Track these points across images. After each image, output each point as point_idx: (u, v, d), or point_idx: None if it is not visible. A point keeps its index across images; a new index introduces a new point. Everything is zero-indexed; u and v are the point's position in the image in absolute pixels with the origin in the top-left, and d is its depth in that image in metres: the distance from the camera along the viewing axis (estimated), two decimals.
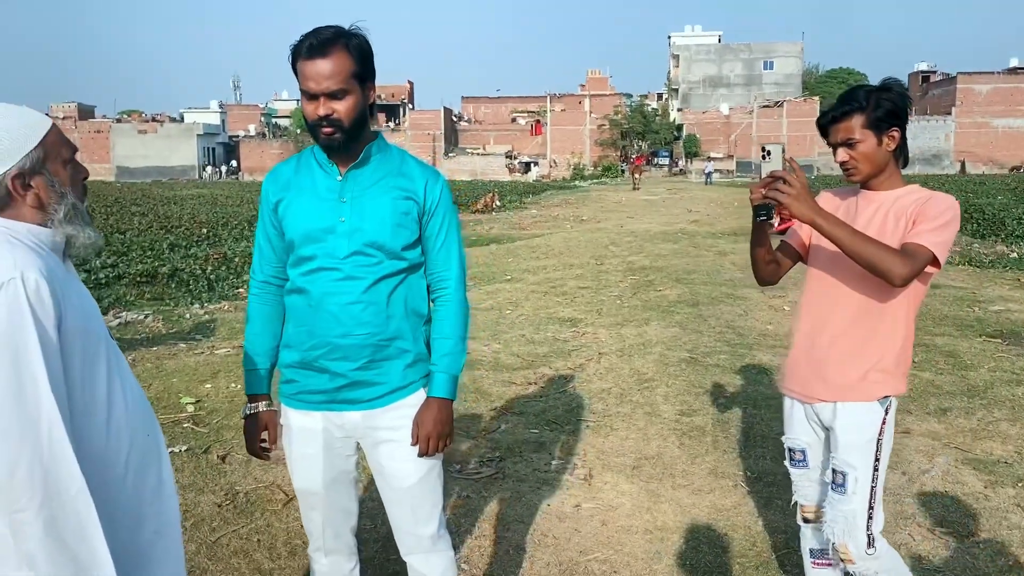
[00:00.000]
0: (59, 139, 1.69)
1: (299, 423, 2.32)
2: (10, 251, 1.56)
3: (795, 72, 75.04)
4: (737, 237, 16.77)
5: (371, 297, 2.18)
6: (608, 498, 4.06)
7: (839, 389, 2.46)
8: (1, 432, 1.48)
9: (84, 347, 1.65)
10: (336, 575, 2.48)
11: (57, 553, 1.53)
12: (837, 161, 2.45)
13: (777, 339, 7.37)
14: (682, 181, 52.55)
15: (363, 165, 2.21)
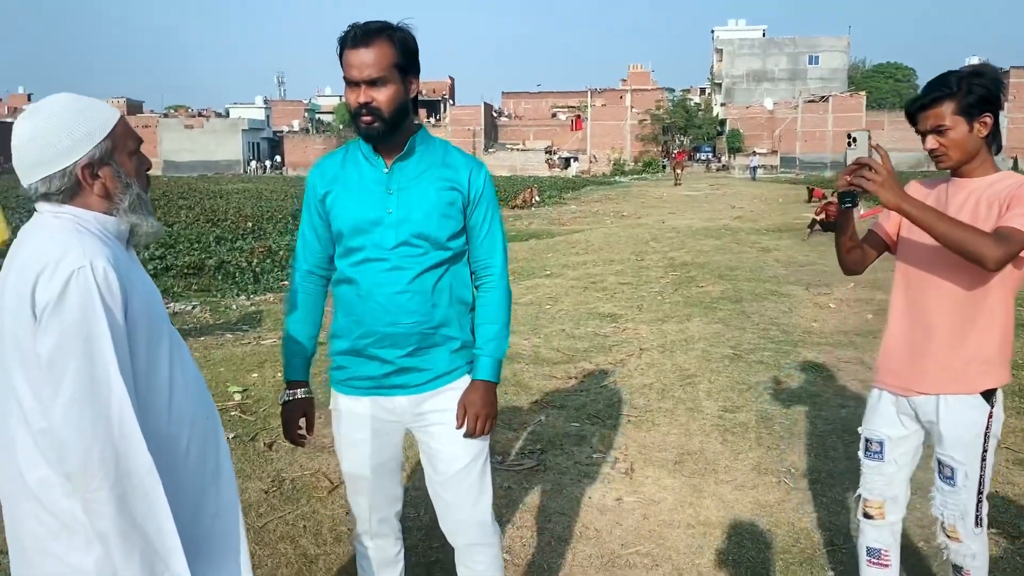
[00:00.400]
0: (126, 130, 1.75)
1: (349, 408, 2.38)
2: (79, 240, 1.62)
3: (841, 66, 73.82)
4: (781, 234, 16.58)
5: (417, 287, 2.23)
6: (650, 492, 4.06)
7: (941, 382, 2.41)
8: (76, 416, 1.54)
9: (148, 332, 1.70)
10: (381, 559, 2.53)
11: (128, 530, 1.58)
12: (926, 149, 2.40)
13: (823, 336, 7.29)
14: (724, 177, 51.94)
15: (408, 157, 2.25)
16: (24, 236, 1.70)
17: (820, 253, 13.04)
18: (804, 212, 21.70)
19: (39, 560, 1.67)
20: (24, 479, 1.65)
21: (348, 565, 3.39)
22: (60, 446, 1.56)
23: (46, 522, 1.65)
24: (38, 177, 1.65)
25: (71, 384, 1.54)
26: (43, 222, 1.69)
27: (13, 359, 1.61)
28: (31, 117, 1.65)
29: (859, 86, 73.17)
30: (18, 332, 1.59)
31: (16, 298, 1.59)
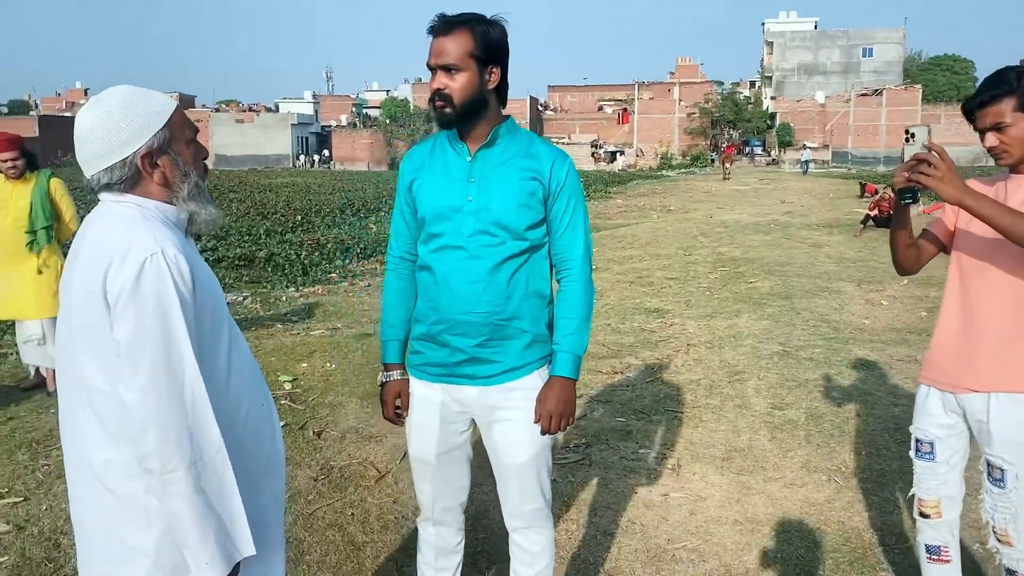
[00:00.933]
0: (183, 120, 1.79)
1: (420, 393, 2.42)
2: (148, 227, 1.66)
3: (896, 59, 72.07)
4: (832, 229, 16.28)
5: (493, 277, 2.24)
6: (697, 488, 4.03)
7: (993, 380, 2.37)
8: (153, 398, 1.58)
9: (211, 318, 1.74)
10: (442, 547, 2.57)
11: (203, 510, 1.63)
12: (986, 147, 2.36)
13: (875, 334, 7.15)
14: (774, 171, 51.13)
15: (491, 146, 2.27)
16: (89, 226, 1.75)
17: (872, 249, 12.78)
18: (856, 208, 21.28)
19: (101, 541, 1.72)
20: (89, 462, 1.70)
21: (395, 553, 3.43)
22: (137, 428, 1.60)
23: (108, 504, 1.70)
24: (101, 167, 1.70)
25: (148, 367, 1.58)
26: (107, 211, 1.73)
27: (83, 346, 1.66)
28: (92, 109, 1.70)
29: (915, 79, 71.35)
30: (89, 320, 1.63)
31: (86, 287, 1.63)
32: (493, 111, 2.27)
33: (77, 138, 1.71)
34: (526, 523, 2.46)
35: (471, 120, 2.23)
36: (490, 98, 2.24)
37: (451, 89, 2.18)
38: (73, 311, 1.67)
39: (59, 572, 3.26)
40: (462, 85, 2.17)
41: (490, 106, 2.25)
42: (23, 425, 4.93)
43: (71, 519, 1.87)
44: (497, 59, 2.22)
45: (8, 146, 5.29)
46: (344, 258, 13.08)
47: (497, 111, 2.28)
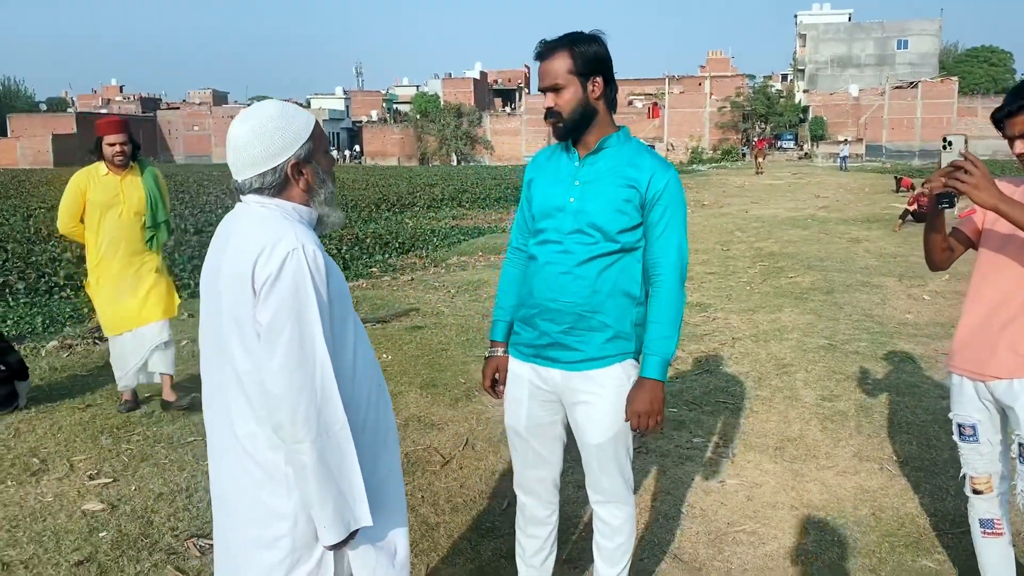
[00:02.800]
0: (321, 132, 1.98)
1: (514, 369, 2.65)
2: (291, 226, 1.85)
3: (932, 51, 71.10)
4: (870, 224, 16.25)
5: (582, 271, 2.43)
6: (752, 476, 4.18)
7: (1014, 367, 2.53)
8: (287, 376, 1.77)
9: (340, 308, 1.93)
10: (531, 515, 2.76)
11: (325, 480, 1.82)
12: (1015, 153, 2.51)
13: (918, 328, 7.22)
14: (807, 165, 50.71)
15: (597, 153, 2.46)
16: (234, 222, 1.94)
17: (912, 245, 12.77)
18: (893, 203, 21.17)
19: (246, 506, 1.92)
20: (235, 433, 1.90)
21: (467, 532, 3.61)
22: (272, 401, 1.79)
23: (252, 472, 1.90)
24: (254, 173, 1.89)
25: (284, 348, 1.77)
26: (251, 212, 1.93)
27: (232, 330, 1.85)
28: (247, 121, 1.89)
29: (951, 71, 70.34)
30: (237, 305, 1.83)
31: (236, 275, 1.83)
32: (603, 119, 2.45)
33: (233, 147, 1.90)
34: (606, 498, 2.64)
35: (583, 130, 2.43)
36: (598, 106, 2.43)
37: (559, 105, 2.39)
38: (223, 297, 1.86)
39: (155, 547, 3.48)
40: (567, 100, 2.38)
41: (599, 114, 2.44)
42: (101, 412, 5.18)
43: (211, 489, 2.07)
44: (597, 70, 2.40)
45: (118, 128, 4.89)
46: (384, 253, 13.31)
47: (608, 120, 2.46)
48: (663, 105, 70.13)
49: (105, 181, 4.91)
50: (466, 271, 11.10)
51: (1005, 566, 2.80)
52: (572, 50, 2.36)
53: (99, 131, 4.89)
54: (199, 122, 79.02)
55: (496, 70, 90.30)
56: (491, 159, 71.53)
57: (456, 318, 7.95)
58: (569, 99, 2.38)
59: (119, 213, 4.92)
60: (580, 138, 2.46)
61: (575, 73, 2.37)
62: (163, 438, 4.73)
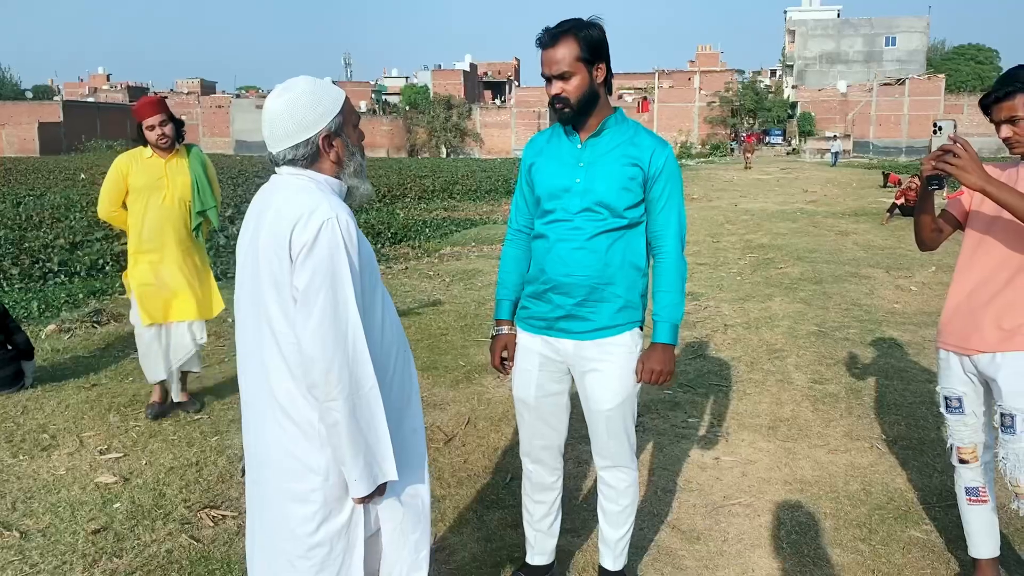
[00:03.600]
0: (351, 107, 2.08)
1: (524, 342, 2.76)
2: (325, 197, 1.96)
3: (919, 48, 71.55)
4: (858, 217, 16.45)
5: (593, 246, 2.56)
6: (746, 453, 4.31)
7: (997, 341, 2.67)
8: (321, 337, 1.88)
9: (370, 277, 2.04)
10: (538, 482, 2.88)
11: (355, 435, 1.93)
12: (1001, 137, 2.65)
13: (906, 317, 7.39)
14: (795, 161, 51.01)
15: (599, 135, 2.58)
16: (271, 193, 2.04)
17: (899, 238, 12.96)
18: (880, 197, 21.40)
19: (281, 459, 2.03)
20: (273, 392, 2.00)
21: (472, 504, 3.72)
22: (307, 361, 1.90)
23: (288, 429, 2.01)
24: (288, 145, 1.99)
25: (319, 311, 1.88)
26: (286, 183, 2.03)
27: (270, 294, 1.96)
28: (282, 96, 1.99)
29: (938, 69, 70.81)
30: (276, 270, 1.93)
31: (274, 243, 1.93)
32: (603, 103, 2.57)
33: (268, 120, 2.00)
34: (612, 462, 2.77)
35: (586, 115, 2.54)
36: (600, 91, 2.54)
37: (567, 92, 2.48)
38: (262, 264, 1.97)
39: (168, 517, 3.57)
40: (576, 86, 2.48)
41: (601, 98, 2.55)
42: (108, 391, 5.27)
43: (245, 447, 2.18)
44: (601, 56, 2.50)
45: (154, 108, 4.53)
46: (376, 242, 13.38)
47: (606, 102, 2.58)
48: (653, 99, 70.29)
49: (148, 164, 4.60)
50: (460, 261, 11.20)
51: (989, 531, 2.95)
52: (578, 37, 2.44)
53: (137, 116, 4.55)
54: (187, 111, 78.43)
55: (486, 62, 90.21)
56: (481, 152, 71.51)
57: (453, 305, 8.06)
58: (578, 85, 2.47)
59: (163, 198, 4.59)
60: (581, 121, 2.56)
61: (582, 60, 2.45)
62: (170, 416, 4.81)
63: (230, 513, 3.60)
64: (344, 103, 2.05)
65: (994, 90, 2.64)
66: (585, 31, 2.46)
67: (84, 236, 12.97)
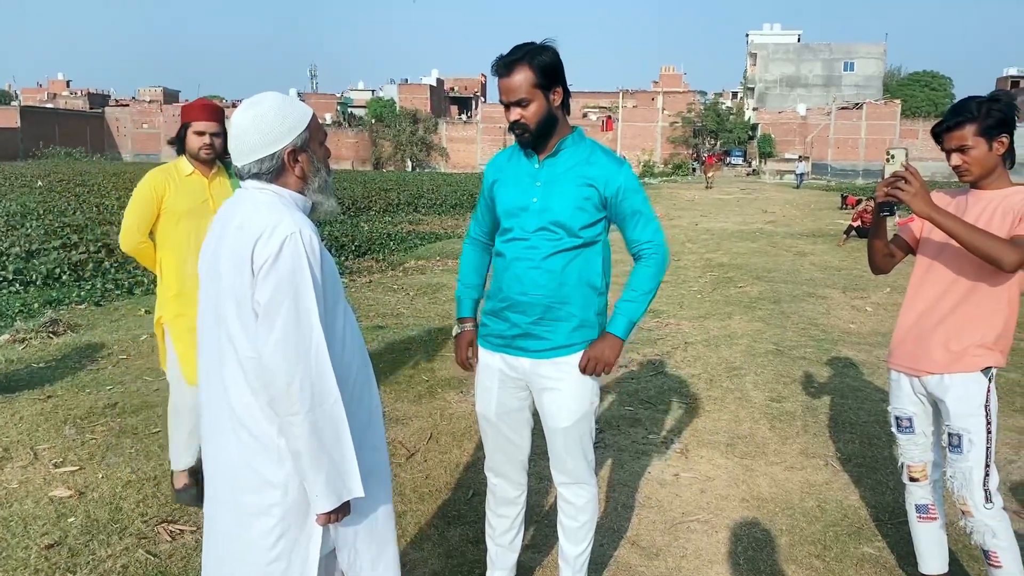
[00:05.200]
0: (317, 124, 2.10)
1: (484, 359, 2.80)
2: (288, 211, 1.98)
3: (876, 74, 73.24)
4: (816, 238, 16.76)
5: (549, 265, 2.59)
6: (704, 470, 4.37)
7: (945, 363, 2.76)
8: (283, 351, 1.89)
9: (332, 290, 2.05)
10: (502, 496, 2.91)
11: (318, 450, 1.93)
12: (951, 165, 2.75)
13: (861, 336, 7.55)
14: (755, 181, 51.82)
15: (555, 155, 2.62)
16: (235, 207, 2.05)
17: (855, 259, 13.23)
18: (837, 219, 21.83)
19: (240, 473, 2.03)
20: (232, 406, 2.00)
21: (434, 519, 3.73)
22: (268, 376, 1.91)
23: (247, 442, 2.01)
24: (253, 159, 2.01)
25: (281, 326, 1.89)
26: (250, 196, 2.04)
27: (230, 307, 1.96)
28: (249, 110, 2.01)
29: (894, 94, 72.53)
30: (237, 284, 1.94)
31: (236, 257, 1.94)
32: (562, 124, 2.62)
33: (234, 134, 2.01)
34: (571, 479, 2.80)
35: (546, 137, 2.59)
36: (558, 114, 2.59)
37: (526, 118, 2.53)
38: (223, 277, 1.97)
39: (124, 532, 3.52)
40: (534, 112, 2.53)
41: (559, 121, 2.60)
42: (64, 403, 5.18)
43: (204, 464, 2.17)
44: (556, 80, 2.55)
45: (211, 114, 3.74)
46: (340, 255, 13.32)
47: (565, 123, 2.63)
48: (617, 118, 70.96)
49: (190, 183, 3.75)
50: (424, 274, 11.19)
51: (938, 548, 3.04)
52: (533, 64, 2.49)
53: (186, 116, 3.73)
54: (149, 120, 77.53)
55: (453, 77, 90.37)
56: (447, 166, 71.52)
57: (417, 319, 8.05)
58: (536, 111, 2.52)
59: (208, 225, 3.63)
60: (542, 143, 2.61)
61: (538, 86, 2.50)
62: (128, 429, 4.75)
63: (188, 528, 3.57)
64: (311, 119, 2.08)
65: (945, 119, 2.75)
66: (539, 57, 2.50)
67: (40, 244, 12.71)
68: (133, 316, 7.89)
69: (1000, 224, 2.66)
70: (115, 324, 7.52)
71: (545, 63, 2.51)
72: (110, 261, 11.23)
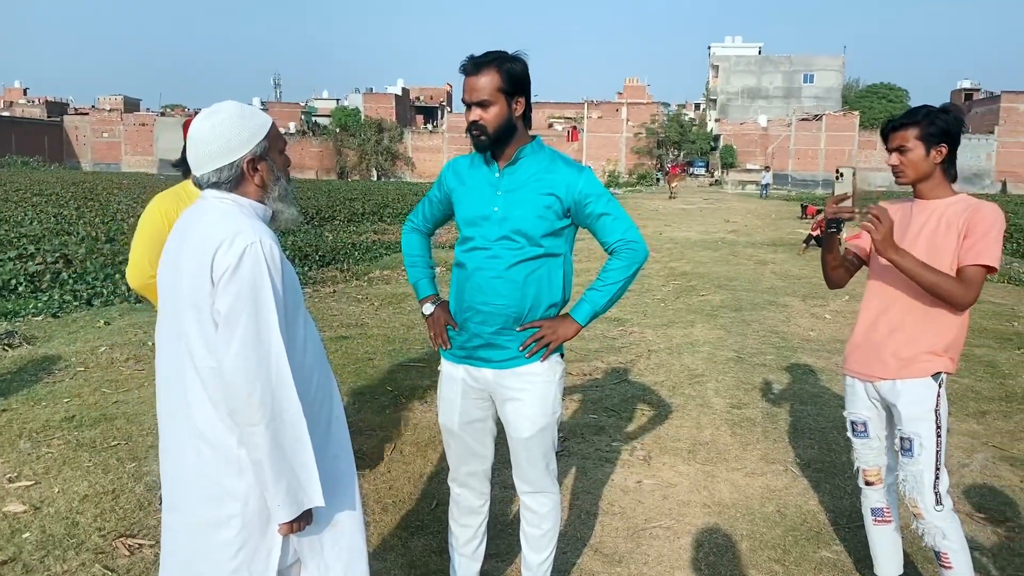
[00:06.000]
0: (277, 133, 2.10)
1: (447, 370, 2.80)
2: (249, 221, 1.97)
3: (835, 86, 74.65)
4: (776, 248, 17.00)
5: (511, 275, 2.60)
6: (667, 476, 4.41)
7: (897, 368, 2.83)
8: (243, 362, 1.88)
9: (292, 300, 2.05)
10: (465, 506, 2.91)
11: (279, 460, 1.93)
12: (889, 164, 2.84)
13: (820, 344, 7.67)
14: (717, 191, 52.44)
15: (515, 164, 2.63)
16: (194, 217, 2.04)
17: (815, 268, 13.42)
18: (797, 228, 22.18)
19: (199, 483, 2.01)
20: (191, 417, 1.99)
21: (396, 531, 3.72)
22: (228, 386, 1.90)
23: (205, 453, 1.99)
24: (212, 168, 2.00)
25: (241, 336, 1.88)
26: (209, 206, 2.03)
27: (190, 317, 1.95)
28: (208, 119, 2.00)
29: (852, 106, 74.02)
30: (197, 294, 1.93)
31: (196, 266, 1.93)
32: (520, 134, 2.63)
33: (194, 142, 2.01)
34: (533, 488, 2.81)
35: (503, 144, 2.60)
36: (518, 123, 2.60)
37: (485, 120, 2.54)
38: (183, 287, 1.96)
39: (81, 547, 3.46)
40: (494, 116, 2.54)
41: (518, 130, 2.61)
42: (18, 417, 5.08)
43: (162, 476, 2.15)
44: (521, 90, 2.57)
45: None
46: (303, 265, 13.22)
47: (524, 133, 2.65)
48: (582, 129, 71.45)
49: None
50: (389, 284, 11.16)
51: (893, 550, 3.10)
52: (501, 69, 2.51)
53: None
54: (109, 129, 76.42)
55: (419, 87, 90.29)
56: (412, 175, 71.44)
57: (381, 329, 8.02)
58: (496, 115, 2.53)
59: None
60: (499, 150, 2.63)
61: (502, 91, 2.52)
62: (86, 443, 4.67)
63: (147, 542, 3.52)
64: (270, 128, 2.07)
65: (894, 120, 2.84)
66: (509, 64, 2.53)
67: None
68: (92, 328, 7.76)
69: (945, 236, 2.74)
70: (73, 336, 7.39)
71: (513, 70, 2.53)
72: (68, 272, 11.04)
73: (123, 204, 25.48)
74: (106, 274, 10.97)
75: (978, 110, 68.80)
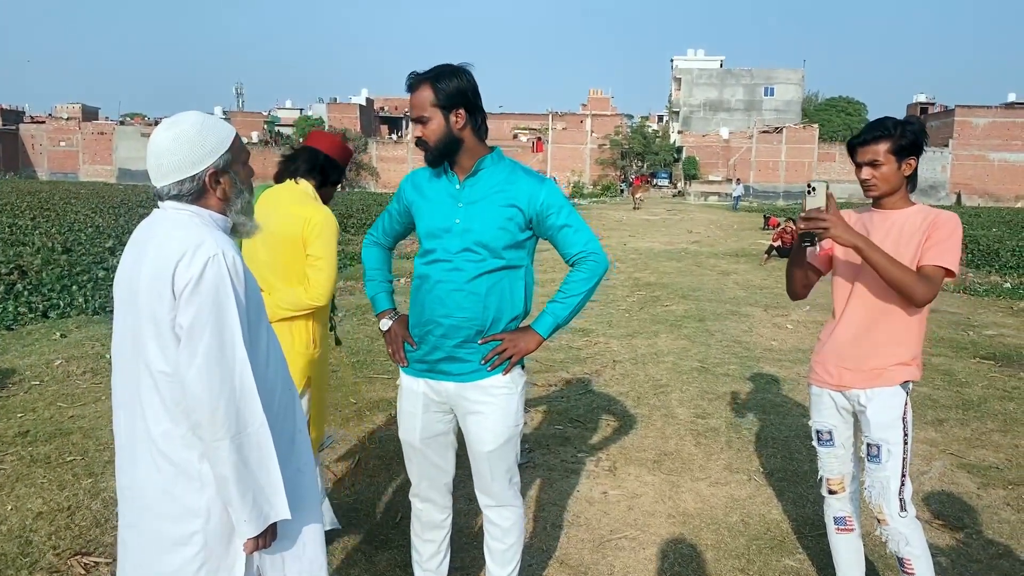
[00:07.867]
0: (240, 145, 2.07)
1: (407, 385, 2.77)
2: (211, 232, 1.94)
3: (795, 99, 75.86)
4: (739, 258, 17.19)
5: (472, 287, 2.58)
6: (632, 487, 4.42)
7: (864, 378, 2.86)
8: (207, 375, 1.85)
9: (256, 312, 2.02)
10: (427, 520, 2.88)
11: (244, 475, 1.90)
12: (860, 178, 2.86)
13: (782, 353, 7.76)
14: (681, 203, 52.94)
15: (475, 175, 2.62)
16: (152, 229, 2.00)
17: (776, 278, 13.61)
18: (759, 239, 22.45)
19: (159, 500, 1.97)
20: (149, 432, 1.95)
21: (360, 545, 3.67)
22: (192, 400, 1.86)
23: (164, 469, 1.95)
24: (174, 180, 1.97)
25: (204, 349, 1.85)
26: (168, 217, 2.00)
27: (148, 331, 1.91)
28: (170, 129, 1.97)
29: (812, 118, 75.25)
30: (156, 307, 1.89)
31: (155, 279, 1.89)
32: (472, 147, 2.61)
33: (155, 154, 1.97)
34: (496, 501, 2.80)
35: (450, 157, 2.60)
36: (463, 136, 2.58)
37: (425, 135, 2.56)
38: (142, 300, 1.92)
39: (35, 566, 3.37)
40: (432, 131, 2.55)
41: (465, 143, 2.59)
42: None
43: (119, 492, 2.10)
44: (459, 103, 2.54)
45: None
46: None
47: (477, 145, 2.62)
48: (547, 140, 71.72)
49: None
50: (353, 295, 11.07)
51: (856, 558, 3.13)
52: (434, 84, 2.51)
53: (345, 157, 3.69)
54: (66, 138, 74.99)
55: (383, 97, 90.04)
56: (377, 186, 71.10)
57: (345, 341, 7.94)
58: (434, 130, 2.54)
59: None
60: (455, 163, 2.62)
61: (437, 106, 2.52)
62: (40, 458, 4.56)
63: (104, 560, 3.43)
64: (233, 140, 2.05)
65: (863, 133, 2.85)
66: (444, 80, 2.51)
67: None
68: (47, 340, 7.59)
69: (907, 243, 2.78)
70: (28, 349, 7.22)
71: (447, 85, 2.51)
72: (23, 283, 10.79)
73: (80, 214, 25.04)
74: (63, 285, 10.75)
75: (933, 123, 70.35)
